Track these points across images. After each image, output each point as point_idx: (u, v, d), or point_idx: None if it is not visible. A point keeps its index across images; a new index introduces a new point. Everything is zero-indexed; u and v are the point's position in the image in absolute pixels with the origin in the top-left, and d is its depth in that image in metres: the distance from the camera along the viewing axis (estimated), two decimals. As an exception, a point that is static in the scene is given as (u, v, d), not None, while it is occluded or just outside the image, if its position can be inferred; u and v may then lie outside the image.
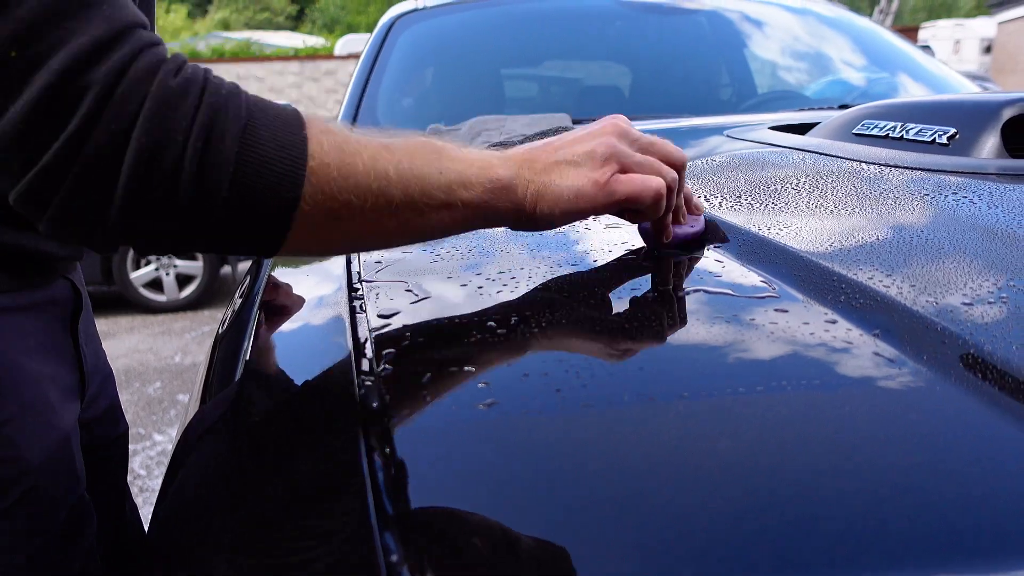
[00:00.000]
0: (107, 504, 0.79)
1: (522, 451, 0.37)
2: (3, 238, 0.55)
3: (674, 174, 0.58)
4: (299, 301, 0.68)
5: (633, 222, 0.62)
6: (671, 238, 0.60)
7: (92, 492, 0.75)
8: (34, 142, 0.41)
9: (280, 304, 0.67)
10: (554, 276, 0.58)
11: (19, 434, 0.55)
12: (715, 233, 0.63)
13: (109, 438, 0.80)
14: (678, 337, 0.46)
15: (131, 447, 2.93)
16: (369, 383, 0.44)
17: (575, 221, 0.57)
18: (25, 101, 0.40)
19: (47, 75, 0.40)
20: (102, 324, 4.64)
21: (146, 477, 2.62)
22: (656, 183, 0.56)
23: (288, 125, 0.46)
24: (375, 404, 0.41)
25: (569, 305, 0.52)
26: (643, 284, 0.57)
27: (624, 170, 0.56)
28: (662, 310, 0.52)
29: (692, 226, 0.62)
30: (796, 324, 0.46)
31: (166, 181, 0.42)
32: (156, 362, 3.96)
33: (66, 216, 0.43)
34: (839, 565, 0.29)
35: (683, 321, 0.49)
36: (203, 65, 0.46)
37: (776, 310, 0.48)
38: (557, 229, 0.59)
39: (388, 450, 0.37)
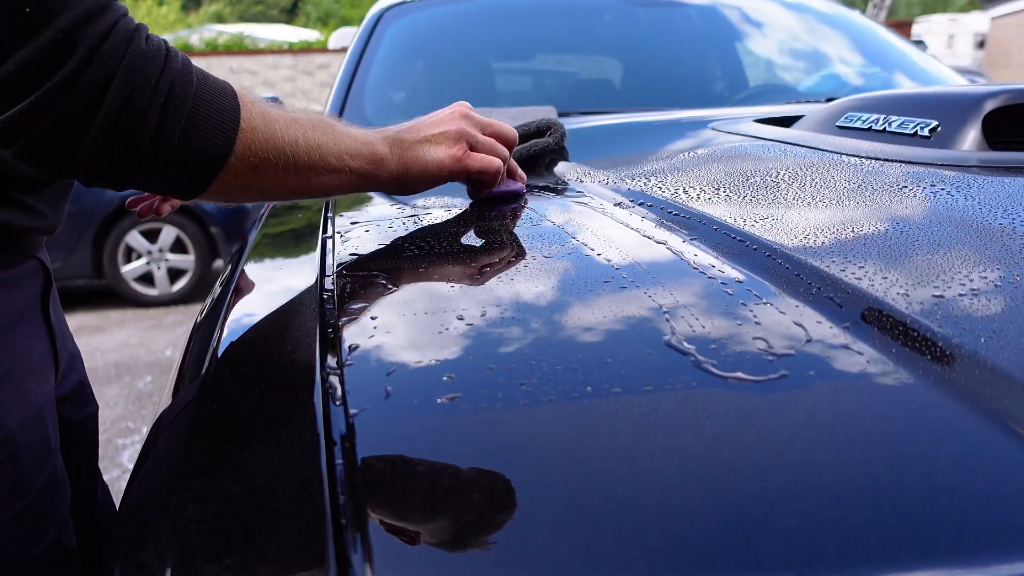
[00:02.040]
0: (78, 483, 0.80)
1: (484, 446, 0.36)
2: None
3: (505, 154, 0.77)
4: (273, 292, 0.67)
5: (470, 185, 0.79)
6: (491, 194, 0.78)
7: (68, 467, 0.75)
8: (32, 81, 0.48)
9: (253, 295, 0.67)
10: (525, 270, 0.58)
11: (2, 403, 0.57)
12: (521, 196, 0.81)
13: (79, 417, 0.80)
14: (648, 330, 0.46)
15: (120, 441, 2.93)
16: (334, 376, 0.43)
17: (437, 186, 0.72)
18: (34, 48, 0.47)
19: (54, 29, 0.48)
20: (93, 318, 4.62)
21: (135, 471, 2.60)
22: (497, 163, 0.74)
23: (226, 95, 0.56)
24: (338, 397, 0.41)
25: (539, 298, 0.52)
26: (615, 277, 0.56)
27: (472, 148, 0.73)
28: (633, 302, 0.52)
29: (509, 186, 0.80)
30: (767, 316, 0.45)
31: (133, 122, 0.51)
32: (147, 356, 3.95)
33: (44, 144, 0.50)
34: (795, 566, 0.28)
35: (654, 314, 0.48)
36: (194, 59, 0.51)
37: (748, 302, 0.48)
38: (542, 220, 0.65)
39: (348, 444, 0.37)
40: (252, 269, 0.74)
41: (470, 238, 0.70)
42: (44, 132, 0.49)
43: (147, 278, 4.95)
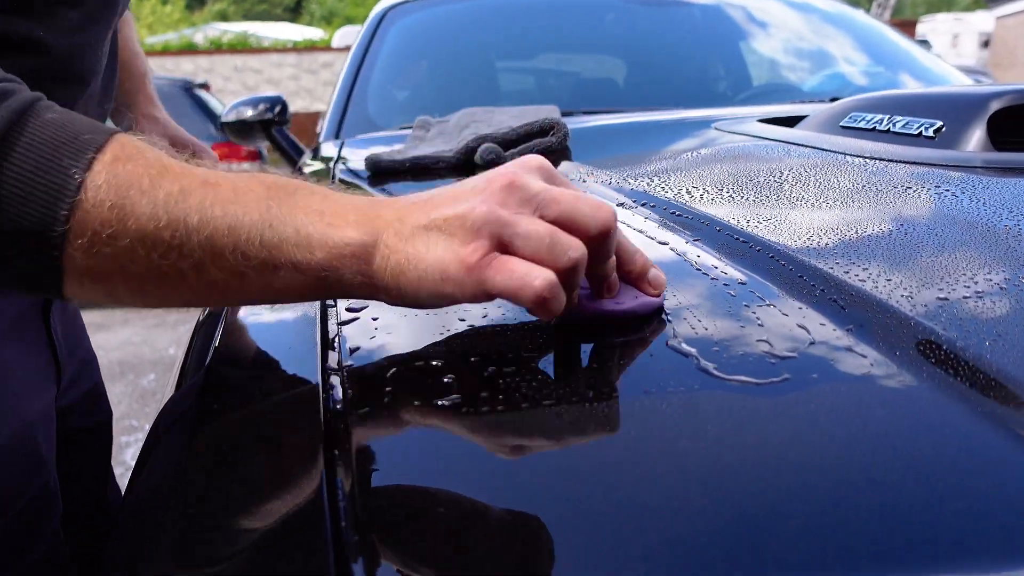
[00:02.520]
0: (86, 491, 0.79)
1: (486, 449, 0.36)
2: None
3: (578, 253, 0.41)
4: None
5: None
6: (584, 312, 0.45)
7: (74, 477, 0.75)
8: None
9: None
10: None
11: None
12: (653, 315, 0.47)
13: (90, 425, 0.79)
14: (650, 332, 0.46)
15: (124, 439, 2.93)
16: (335, 376, 0.43)
17: (447, 306, 0.44)
18: None
19: None
20: (96, 316, 4.63)
21: (138, 469, 2.61)
22: (539, 282, 0.39)
23: (66, 145, 0.38)
24: (338, 398, 0.41)
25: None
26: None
27: (504, 248, 0.41)
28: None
29: (624, 303, 0.46)
30: (770, 318, 0.45)
31: None
32: (150, 354, 3.96)
33: None
34: (799, 570, 0.28)
35: (657, 316, 0.48)
36: (198, 57, 0.44)
37: (751, 303, 0.47)
38: None
39: (348, 445, 0.37)
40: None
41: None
42: None
43: (151, 276, 4.95)
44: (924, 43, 2.16)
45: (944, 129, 0.78)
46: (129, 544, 0.44)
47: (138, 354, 3.96)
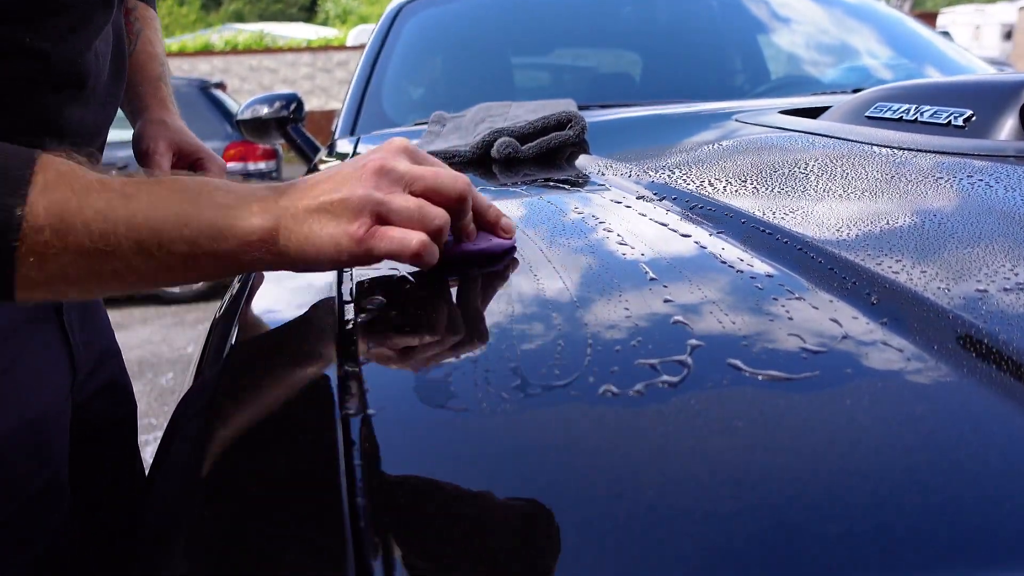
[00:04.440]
0: (112, 482, 0.79)
1: (506, 447, 0.35)
2: None
3: (442, 219, 0.52)
4: (290, 288, 0.66)
5: None
6: (456, 253, 0.55)
7: (95, 469, 0.75)
8: None
9: (271, 291, 0.66)
10: (547, 265, 0.56)
11: None
12: (509, 254, 0.58)
13: (112, 417, 0.79)
14: (675, 327, 0.44)
15: (143, 437, 2.95)
16: (352, 374, 0.42)
17: (332, 266, 0.52)
18: None
19: None
20: (115, 315, 4.66)
21: (158, 467, 2.63)
22: (415, 243, 0.50)
23: (2, 181, 0.42)
24: (356, 396, 0.40)
25: (562, 295, 0.50)
26: (639, 272, 0.55)
27: (383, 219, 0.50)
28: (659, 298, 0.50)
29: (480, 244, 0.57)
30: (800, 312, 0.44)
31: None
32: (169, 353, 3.98)
33: None
34: (836, 569, 0.27)
35: (681, 310, 0.47)
36: (214, 58, 0.46)
37: (779, 297, 0.46)
38: (563, 214, 0.57)
39: (366, 444, 0.36)
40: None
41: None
42: None
43: (169, 275, 4.99)
44: (945, 35, 2.12)
45: (974, 118, 0.76)
46: (147, 541, 0.43)
47: (157, 353, 3.99)
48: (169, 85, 0.95)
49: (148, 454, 2.39)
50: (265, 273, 0.71)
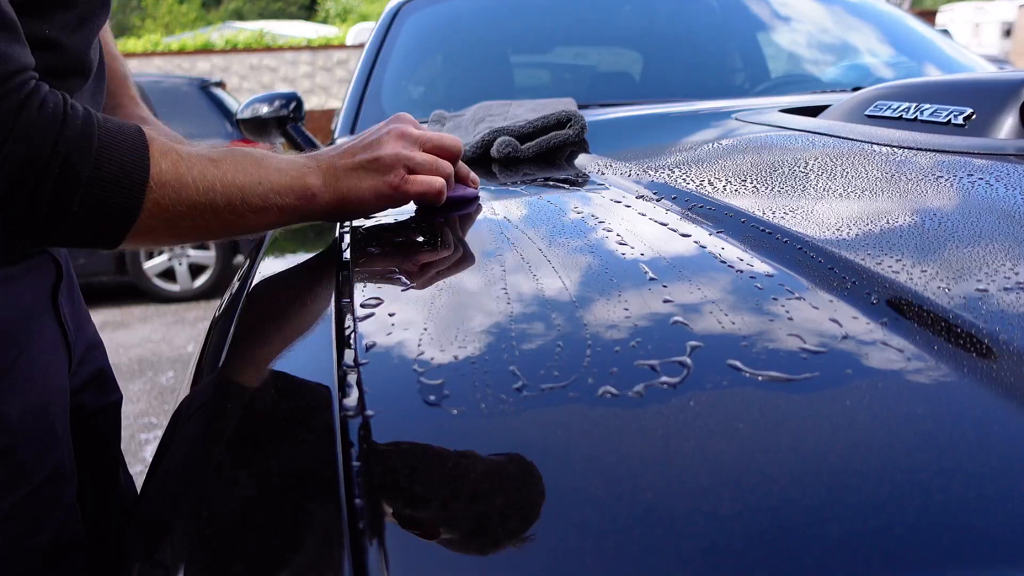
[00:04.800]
0: (98, 471, 0.80)
1: (505, 447, 0.35)
2: None
3: (450, 168, 0.71)
4: (290, 288, 0.66)
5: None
6: (443, 201, 0.71)
7: (87, 456, 0.76)
8: None
9: (270, 291, 0.66)
10: (547, 265, 0.56)
11: (1, 395, 0.57)
12: (474, 202, 0.76)
13: (98, 405, 0.81)
14: (674, 327, 0.44)
15: (143, 436, 2.95)
16: (351, 374, 0.42)
17: (375, 211, 0.69)
18: None
19: None
20: (116, 314, 4.67)
21: (158, 466, 2.62)
22: (439, 183, 0.68)
23: (133, 150, 0.54)
24: (354, 395, 0.39)
25: (561, 295, 0.50)
26: (639, 272, 0.55)
27: (411, 170, 0.67)
28: (658, 298, 0.50)
29: (458, 191, 0.75)
30: (800, 312, 0.44)
31: (27, 192, 0.51)
32: (169, 352, 3.98)
33: None
34: (837, 570, 0.27)
35: (681, 310, 0.46)
36: (214, 57, 0.50)
37: (779, 297, 0.46)
38: (563, 213, 0.61)
39: (364, 444, 0.35)
40: (269, 264, 0.73)
41: (490, 231, 0.68)
42: None
43: (169, 274, 4.99)
44: (944, 33, 2.11)
45: (974, 116, 0.76)
46: (145, 540, 0.43)
47: (156, 352, 3.99)
48: (133, 85, 0.96)
49: (148, 453, 2.39)
50: (265, 273, 0.71)
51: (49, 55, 0.59)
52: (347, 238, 0.70)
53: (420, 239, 0.67)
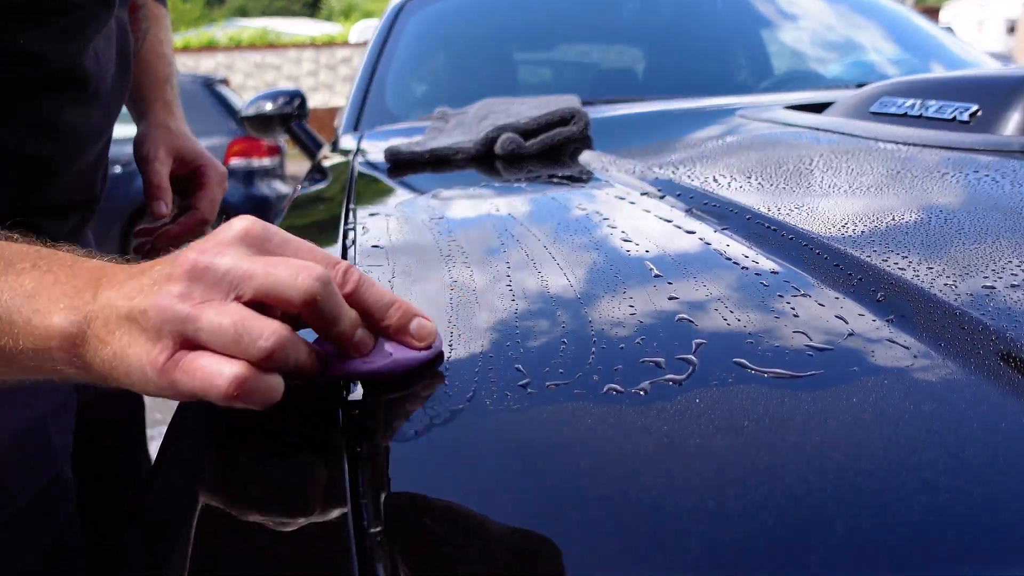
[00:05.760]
0: (117, 481, 0.80)
1: (513, 450, 0.35)
2: None
3: (274, 338, 0.36)
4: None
5: None
6: (332, 375, 0.41)
7: (100, 468, 0.75)
8: None
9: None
10: (551, 263, 0.56)
11: None
12: (425, 367, 0.42)
13: (117, 418, 0.80)
14: (679, 324, 0.44)
15: (148, 432, 2.95)
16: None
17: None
18: None
19: None
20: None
21: (162, 463, 2.63)
22: (223, 381, 0.35)
23: None
24: (360, 398, 0.39)
25: (567, 293, 0.50)
26: (644, 269, 0.55)
27: (193, 344, 0.37)
28: (663, 295, 0.50)
29: (371, 361, 0.41)
30: (806, 309, 0.44)
31: None
32: (173, 349, 3.99)
33: None
34: (844, 569, 0.26)
35: (686, 307, 0.46)
36: (218, 54, 0.45)
37: (785, 294, 0.46)
38: (567, 210, 0.54)
39: (371, 449, 0.35)
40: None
41: (494, 228, 0.68)
42: None
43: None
44: (948, 30, 2.10)
45: (980, 113, 0.76)
46: (147, 543, 0.43)
47: (161, 349, 3.99)
48: (176, 87, 0.93)
49: (153, 449, 2.40)
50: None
51: (29, 67, 0.55)
52: (351, 235, 0.70)
53: (425, 236, 0.67)
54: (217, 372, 0.35)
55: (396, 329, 0.41)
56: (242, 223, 0.39)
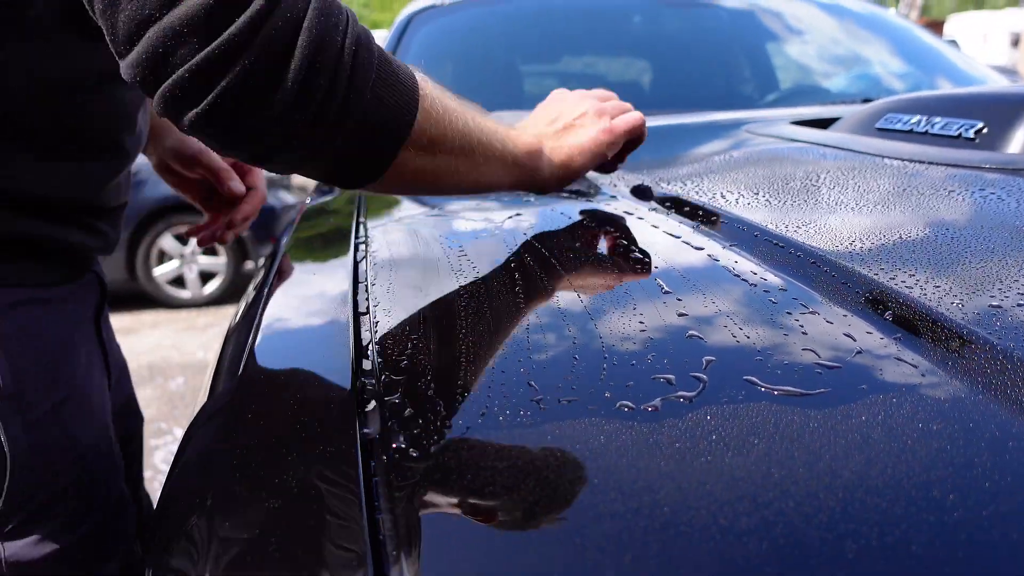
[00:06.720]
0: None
1: (524, 460, 0.36)
2: (45, 232, 0.56)
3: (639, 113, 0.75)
4: (307, 296, 0.67)
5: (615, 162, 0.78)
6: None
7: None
8: (220, 20, 0.43)
9: (288, 299, 0.66)
10: (559, 277, 0.57)
11: (72, 418, 0.58)
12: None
13: (130, 430, 0.81)
14: (687, 341, 0.45)
15: (153, 442, 2.96)
16: (369, 383, 0.42)
17: (596, 165, 0.72)
18: None
19: None
20: (126, 319, 4.68)
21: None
22: (638, 115, 0.74)
23: (401, 64, 0.54)
24: (373, 406, 0.40)
25: (574, 307, 0.51)
26: (651, 285, 0.55)
27: (612, 117, 0.72)
28: (671, 311, 0.50)
29: None
30: (814, 326, 0.44)
31: (327, 71, 0.46)
32: (179, 358, 3.99)
33: (229, 102, 0.44)
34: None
35: (694, 323, 0.47)
36: None
37: (793, 311, 0.46)
38: (575, 225, 0.62)
39: (384, 453, 0.36)
40: (286, 273, 0.74)
41: (502, 242, 0.69)
42: (232, 85, 0.43)
43: (179, 280, 5.01)
44: (952, 43, 2.11)
45: (986, 130, 0.76)
46: (163, 549, 0.43)
47: (167, 358, 4.00)
48: None
49: (158, 459, 2.38)
50: (280, 281, 0.71)
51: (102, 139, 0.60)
52: (361, 248, 0.71)
53: (434, 250, 0.68)
54: (634, 117, 0.74)
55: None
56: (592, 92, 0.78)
